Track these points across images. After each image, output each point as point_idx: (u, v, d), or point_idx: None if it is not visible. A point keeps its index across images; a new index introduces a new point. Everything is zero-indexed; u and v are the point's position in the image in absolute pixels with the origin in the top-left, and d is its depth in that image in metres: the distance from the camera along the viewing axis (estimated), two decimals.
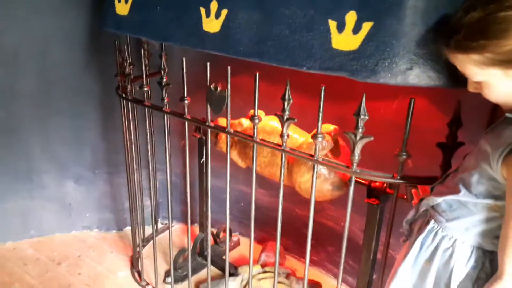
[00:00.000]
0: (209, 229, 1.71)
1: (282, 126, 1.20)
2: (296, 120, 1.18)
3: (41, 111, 1.97)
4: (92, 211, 2.23)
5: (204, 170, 1.75)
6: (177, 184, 2.17)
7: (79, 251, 2.10)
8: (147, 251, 2.06)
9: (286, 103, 1.17)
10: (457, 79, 0.87)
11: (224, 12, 1.18)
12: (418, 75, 0.88)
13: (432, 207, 0.96)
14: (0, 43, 1.80)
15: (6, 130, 1.94)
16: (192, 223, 1.89)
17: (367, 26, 0.89)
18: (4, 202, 2.05)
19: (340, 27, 0.93)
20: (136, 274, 1.96)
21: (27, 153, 2.02)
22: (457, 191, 0.88)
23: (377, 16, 0.88)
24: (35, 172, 2.07)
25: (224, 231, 1.87)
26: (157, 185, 2.08)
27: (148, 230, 2.09)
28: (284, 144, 1.22)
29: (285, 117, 1.18)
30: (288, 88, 1.13)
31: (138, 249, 1.93)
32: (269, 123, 1.48)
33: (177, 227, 2.27)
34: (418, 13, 0.84)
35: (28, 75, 1.89)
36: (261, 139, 1.30)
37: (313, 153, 1.18)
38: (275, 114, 1.21)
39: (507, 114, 0.81)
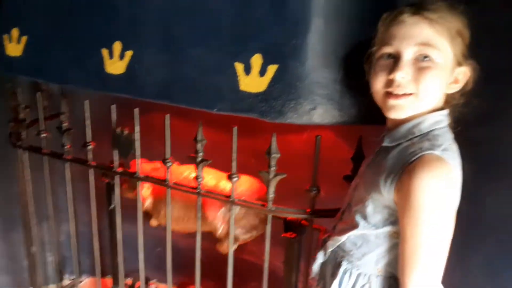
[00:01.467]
0: (123, 281, 1.58)
1: (196, 168, 1.17)
2: (210, 161, 1.16)
3: None
4: None
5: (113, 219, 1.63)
6: (85, 234, 1.99)
7: None
8: None
9: (199, 145, 1.15)
10: (360, 117, 0.93)
11: (129, 53, 1.14)
12: (322, 115, 0.92)
13: (339, 246, 0.95)
14: None
15: None
16: (105, 275, 1.73)
17: (272, 68, 0.92)
18: None
19: (247, 70, 0.95)
20: None
21: None
22: (356, 225, 0.89)
23: (281, 59, 0.91)
24: None
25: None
26: (61, 238, 1.89)
27: None
28: (198, 186, 1.19)
29: (198, 159, 1.16)
30: (200, 129, 1.12)
31: None
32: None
33: (87, 281, 2.06)
34: (319, 56, 0.89)
35: None
36: (174, 183, 1.25)
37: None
38: (188, 157, 1.18)
39: (384, 144, 0.86)
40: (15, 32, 1.29)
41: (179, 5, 1.02)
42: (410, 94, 0.80)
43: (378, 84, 0.83)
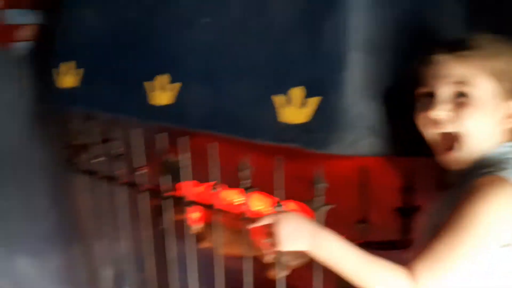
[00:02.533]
0: None
1: (243, 195, 1.17)
2: (256, 189, 1.16)
3: None
4: (50, 286, 2.07)
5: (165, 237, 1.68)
6: (141, 254, 2.07)
7: None
8: None
9: (245, 172, 1.15)
10: (407, 149, 0.88)
11: (177, 85, 1.16)
12: (366, 147, 0.90)
13: None
14: None
15: None
16: None
17: (314, 100, 0.90)
18: None
19: (287, 102, 0.93)
20: None
21: None
22: None
23: (322, 92, 0.89)
24: None
25: None
26: (119, 255, 1.97)
27: None
28: (244, 213, 1.19)
29: (244, 186, 1.16)
30: (246, 157, 1.12)
31: None
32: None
33: None
34: (360, 89, 0.87)
35: None
36: (220, 209, 1.26)
37: None
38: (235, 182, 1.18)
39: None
40: (69, 65, 1.36)
41: (217, 43, 1.04)
42: (454, 140, 0.77)
43: (419, 122, 0.82)
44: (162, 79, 1.17)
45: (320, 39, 0.87)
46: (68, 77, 1.39)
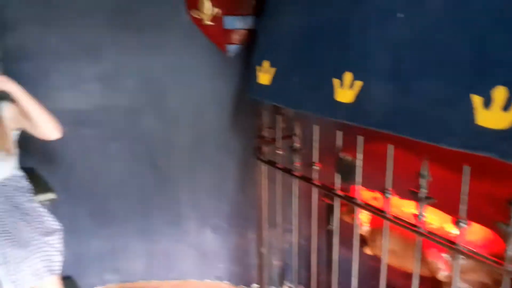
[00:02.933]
0: None
1: (418, 205, 1.08)
2: (434, 200, 1.06)
3: (191, 163, 2.20)
4: (225, 262, 2.33)
5: (331, 238, 1.68)
6: (306, 248, 2.13)
7: None
8: None
9: (423, 180, 1.06)
10: None
11: (359, 83, 1.16)
12: None
13: None
14: (167, 106, 2.13)
15: (163, 178, 2.23)
16: None
17: None
18: (155, 243, 2.31)
19: (487, 103, 0.82)
20: None
21: (177, 199, 2.26)
22: None
23: None
24: (181, 218, 2.29)
25: None
26: (286, 246, 2.07)
27: None
28: (420, 225, 1.09)
29: (421, 196, 1.07)
30: (426, 164, 1.03)
31: None
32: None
33: None
34: None
35: (185, 131, 2.16)
36: (393, 216, 1.19)
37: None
38: (410, 191, 1.10)
39: None
40: (266, 64, 1.51)
41: (410, 39, 0.99)
42: None
43: None
44: (346, 77, 1.19)
45: None
46: (264, 75, 1.54)
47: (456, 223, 1.00)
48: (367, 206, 1.27)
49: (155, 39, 2.02)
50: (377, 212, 1.23)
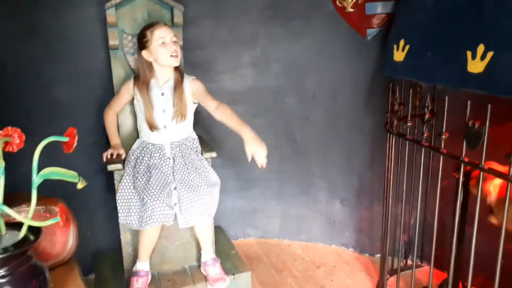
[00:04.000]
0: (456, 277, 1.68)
1: None
2: None
3: (324, 138, 2.46)
4: (351, 232, 2.54)
5: (459, 215, 1.74)
6: (432, 225, 2.19)
7: (335, 262, 2.44)
8: (392, 281, 2.17)
9: None
10: None
11: (490, 54, 1.27)
12: None
13: None
14: (304, 86, 2.42)
15: (300, 151, 2.53)
16: (443, 268, 1.87)
17: None
18: (289, 207, 2.64)
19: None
20: None
21: (311, 171, 2.55)
22: None
23: None
24: (313, 188, 2.57)
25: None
26: (412, 222, 2.18)
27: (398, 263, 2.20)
28: None
29: None
30: None
31: (384, 277, 2.08)
32: None
33: (425, 268, 2.27)
34: None
35: (320, 109, 2.42)
36: None
37: None
38: None
39: None
40: (401, 42, 1.68)
41: None
42: None
43: None
44: (478, 49, 1.30)
45: None
46: (399, 53, 1.71)
47: None
48: (491, 171, 1.35)
49: (300, 28, 2.32)
50: (501, 175, 1.31)
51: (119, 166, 1.87)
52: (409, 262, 2.32)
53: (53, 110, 2.08)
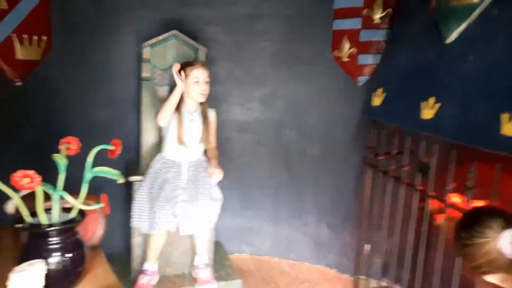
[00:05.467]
0: None
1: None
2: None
3: (318, 169, 2.79)
4: (335, 254, 2.81)
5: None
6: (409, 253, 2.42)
7: (317, 280, 2.71)
8: None
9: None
10: None
11: (438, 105, 1.66)
12: None
13: None
14: (303, 121, 2.79)
15: (295, 179, 2.86)
16: None
17: None
18: (281, 228, 2.94)
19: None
20: None
21: (303, 197, 2.86)
22: None
23: None
24: (304, 212, 2.87)
25: None
26: (388, 246, 2.45)
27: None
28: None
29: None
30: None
31: None
32: None
33: None
34: None
35: (316, 143, 2.77)
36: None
37: None
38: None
39: None
40: (379, 90, 2.08)
41: (473, 75, 1.50)
42: None
43: None
44: (431, 101, 1.69)
45: None
46: (377, 98, 2.10)
47: None
48: (453, 206, 1.68)
49: (302, 71, 2.72)
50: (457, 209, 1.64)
51: (139, 178, 2.23)
52: (384, 284, 2.57)
53: (94, 127, 2.47)
